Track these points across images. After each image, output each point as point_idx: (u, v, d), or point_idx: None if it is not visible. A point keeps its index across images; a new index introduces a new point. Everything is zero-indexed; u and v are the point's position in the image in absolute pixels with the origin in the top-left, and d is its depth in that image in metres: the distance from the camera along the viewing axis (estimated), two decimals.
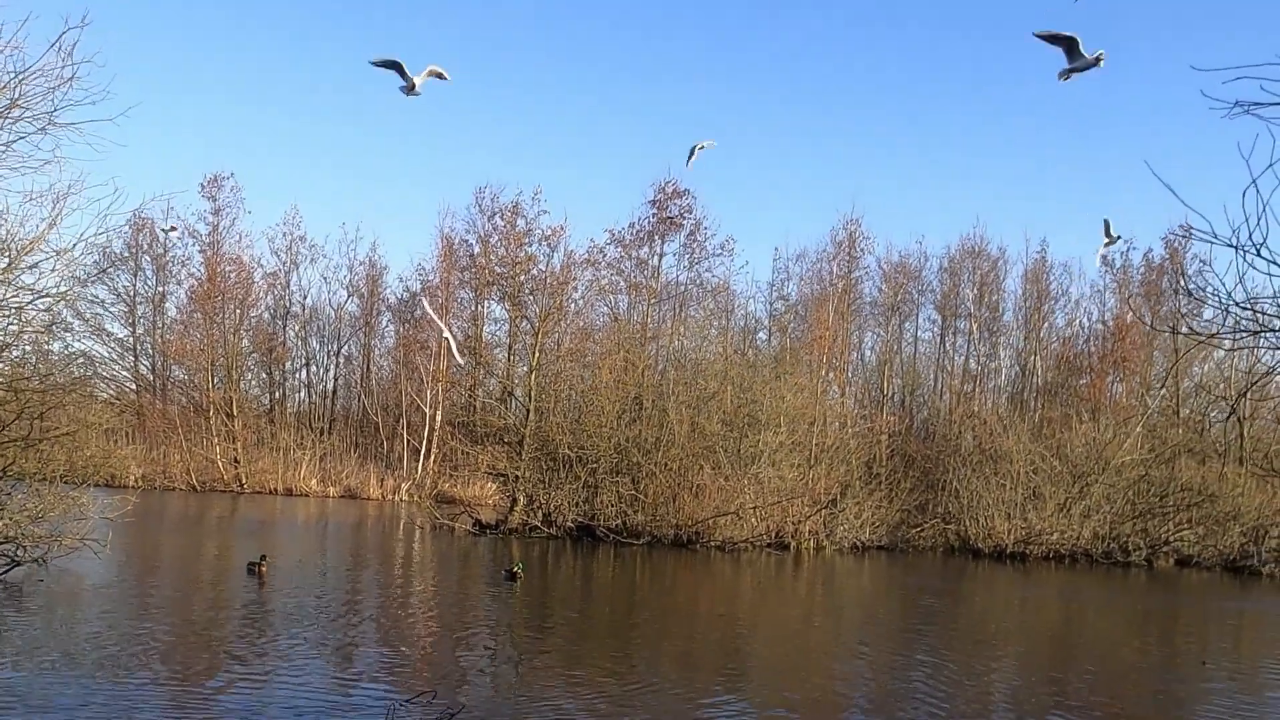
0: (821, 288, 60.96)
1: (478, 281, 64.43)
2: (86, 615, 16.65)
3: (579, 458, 36.77)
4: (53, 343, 19.54)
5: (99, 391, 57.44)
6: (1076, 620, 24.77)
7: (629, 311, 57.72)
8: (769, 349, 53.93)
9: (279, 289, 70.61)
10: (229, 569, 24.76)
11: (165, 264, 69.13)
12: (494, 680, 13.12)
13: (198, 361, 65.99)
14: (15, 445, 18.79)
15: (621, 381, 39.07)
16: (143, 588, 21.03)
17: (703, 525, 35.31)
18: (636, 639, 17.57)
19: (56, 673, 12.18)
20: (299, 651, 14.32)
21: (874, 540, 39.33)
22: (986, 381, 62.22)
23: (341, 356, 72.72)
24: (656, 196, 59.17)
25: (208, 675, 12.64)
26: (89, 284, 19.81)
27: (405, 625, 17.81)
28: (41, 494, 20.38)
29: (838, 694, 13.54)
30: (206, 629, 16.13)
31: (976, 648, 18.67)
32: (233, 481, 60.24)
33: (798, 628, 20.80)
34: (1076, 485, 41.19)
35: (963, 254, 62.34)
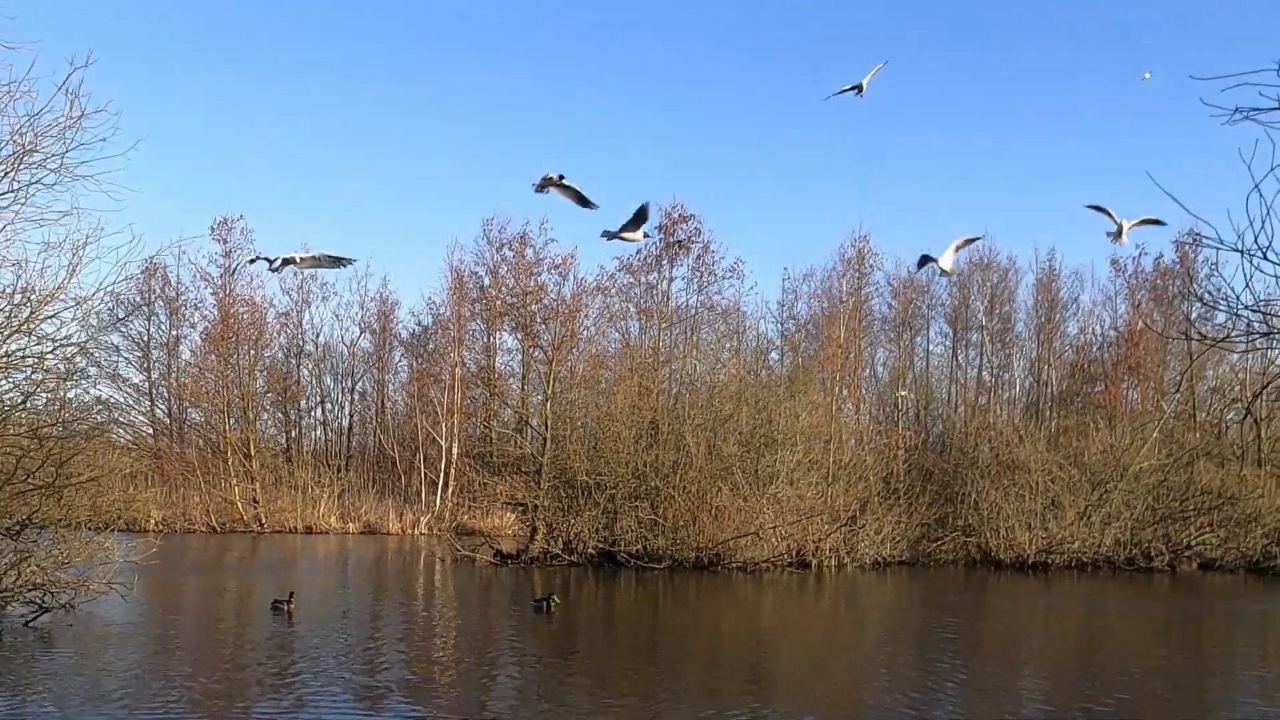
0: (831, 306, 61.01)
1: (489, 313, 64.68)
2: (116, 658, 16.77)
3: (597, 484, 36.85)
4: (72, 390, 19.70)
5: (117, 437, 57.81)
6: (1101, 628, 24.73)
7: (641, 337, 57.89)
8: (782, 369, 54.01)
9: (292, 328, 70.93)
10: (255, 608, 24.88)
11: (178, 308, 69.56)
12: (522, 705, 13.20)
13: (213, 403, 66.27)
14: (40, 492, 18.96)
15: (637, 406, 39.18)
16: (171, 630, 21.17)
17: (723, 547, 35.32)
18: (662, 661, 17.63)
19: (90, 715, 12.31)
20: (329, 684, 14.43)
21: (895, 555, 39.32)
22: (1001, 393, 62.18)
23: (356, 393, 73.00)
24: (663, 221, 59.42)
25: (241, 711, 12.74)
26: (107, 332, 20.16)
27: (432, 654, 17.91)
28: (67, 540, 20.58)
29: (864, 710, 13.58)
30: (237, 666, 16.25)
31: (1002, 658, 18.69)
32: (252, 521, 60.39)
33: (822, 645, 20.83)
34: (1096, 493, 41.14)
35: (971, 266, 62.40)
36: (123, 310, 57.87)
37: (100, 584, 20.75)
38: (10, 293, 14.89)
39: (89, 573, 20.88)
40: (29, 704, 12.72)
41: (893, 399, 58.33)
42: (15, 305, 14.68)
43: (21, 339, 14.97)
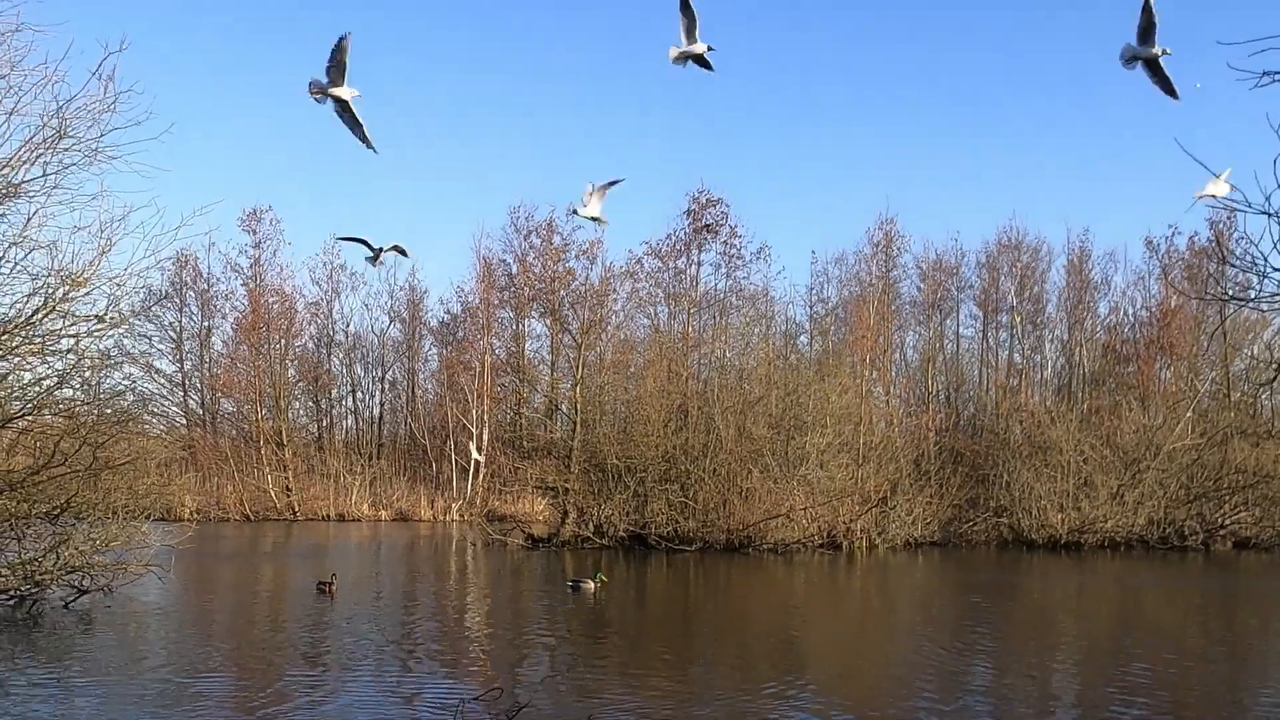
0: (860, 289, 60.89)
1: (517, 300, 64.87)
2: (155, 638, 17.00)
3: (628, 468, 36.91)
4: (108, 376, 19.94)
5: (150, 427, 58.35)
6: (1135, 607, 24.60)
7: (669, 322, 57.94)
8: (811, 352, 53.94)
9: (322, 318, 71.36)
10: (291, 591, 25.18)
11: (209, 299, 70.11)
12: (556, 680, 13.29)
13: (245, 393, 66.83)
14: (78, 476, 19.19)
15: (666, 390, 39.22)
16: (209, 611, 21.41)
17: (754, 529, 35.35)
18: (693, 640, 17.69)
19: (134, 691, 12.48)
20: (370, 659, 14.61)
21: (926, 536, 39.24)
22: (1032, 374, 61.87)
23: (386, 382, 73.39)
24: (691, 206, 59.44)
25: (283, 683, 12.88)
26: (139, 315, 20.34)
27: (468, 632, 18.05)
28: (104, 524, 20.85)
29: (897, 688, 13.58)
30: (279, 644, 16.43)
31: (1034, 638, 18.62)
32: (285, 510, 60.88)
33: (854, 625, 20.83)
34: (1129, 472, 40.89)
35: (1001, 248, 62.11)
36: (154, 299, 58.31)
37: (138, 567, 21.03)
38: (45, 275, 15.06)
39: (126, 556, 21.17)
40: (70, 682, 12.90)
41: (923, 381, 58.21)
42: (49, 286, 14.87)
43: (56, 320, 15.14)
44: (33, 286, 15.14)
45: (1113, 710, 11.58)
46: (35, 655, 14.89)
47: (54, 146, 14.47)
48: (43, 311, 15.03)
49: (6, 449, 20.36)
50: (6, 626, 17.54)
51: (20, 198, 14.64)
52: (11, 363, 15.64)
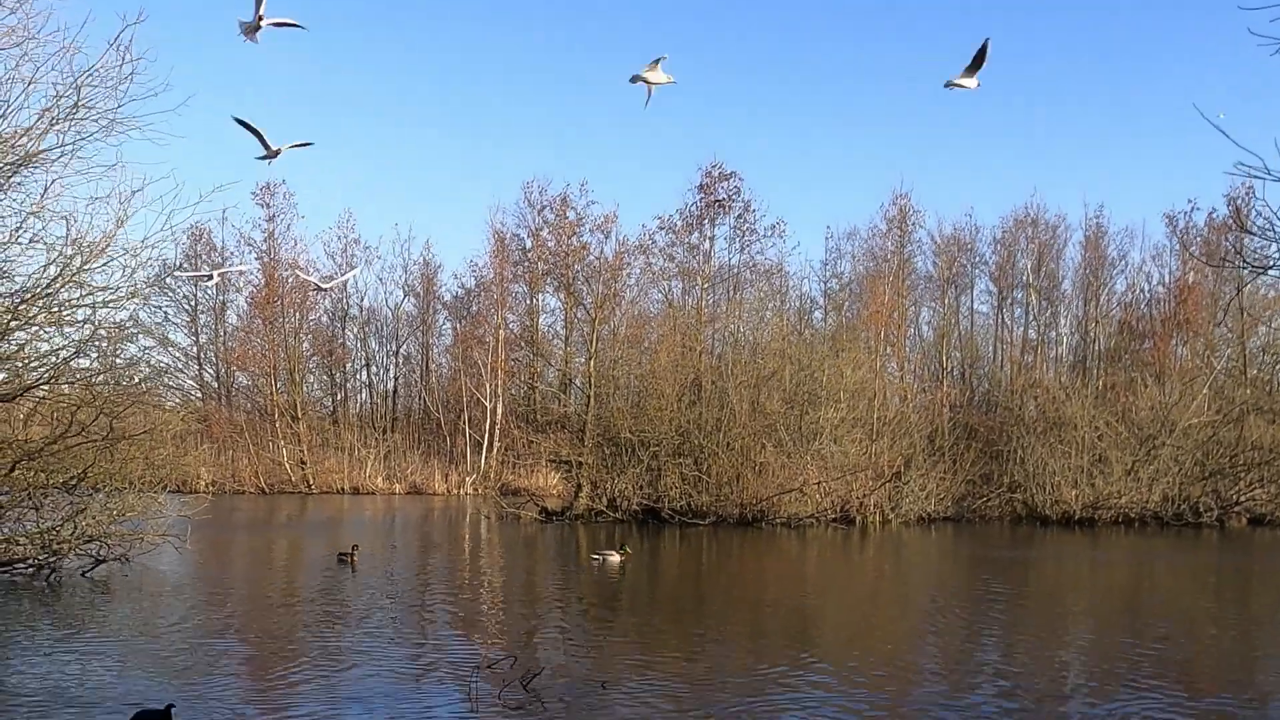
0: (875, 265, 60.73)
1: (531, 274, 64.84)
2: (174, 605, 17.10)
3: (641, 441, 36.96)
4: (124, 348, 20.02)
5: (165, 401, 58.62)
6: (1148, 582, 24.55)
7: (683, 297, 57.82)
8: (825, 328, 53.85)
9: (336, 291, 71.41)
10: (310, 560, 25.35)
11: (225, 273, 70.15)
12: (570, 649, 13.35)
13: (260, 367, 67.01)
14: (95, 446, 19.28)
15: (680, 365, 39.21)
16: (228, 580, 21.55)
17: (767, 503, 35.38)
18: (706, 612, 17.72)
19: (152, 656, 12.59)
20: (386, 627, 14.71)
21: (940, 512, 39.26)
22: (1047, 350, 61.67)
23: (400, 356, 73.52)
24: (704, 180, 59.23)
25: (300, 651, 12.97)
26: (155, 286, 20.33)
27: (482, 602, 18.15)
28: (121, 494, 20.98)
29: (909, 661, 13.59)
30: (297, 612, 16.52)
31: (1048, 612, 18.62)
32: (300, 483, 61.16)
33: (867, 598, 20.85)
34: (1144, 449, 40.80)
35: (1018, 223, 61.84)
36: (166, 272, 58.45)
37: (154, 537, 21.16)
38: (62, 245, 15.10)
39: (143, 526, 21.30)
40: (88, 648, 13.00)
41: (938, 357, 58.10)
42: (67, 256, 14.91)
43: (73, 290, 15.20)
44: (49, 256, 15.20)
45: (1125, 685, 11.58)
46: (54, 621, 15.01)
47: (71, 117, 14.49)
48: (60, 281, 15.09)
49: (24, 419, 20.50)
50: (26, 594, 17.69)
51: (38, 167, 14.67)
52: (29, 332, 15.70)
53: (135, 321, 21.03)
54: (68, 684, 10.78)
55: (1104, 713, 10.14)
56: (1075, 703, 10.65)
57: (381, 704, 10.22)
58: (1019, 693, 11.10)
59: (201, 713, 9.66)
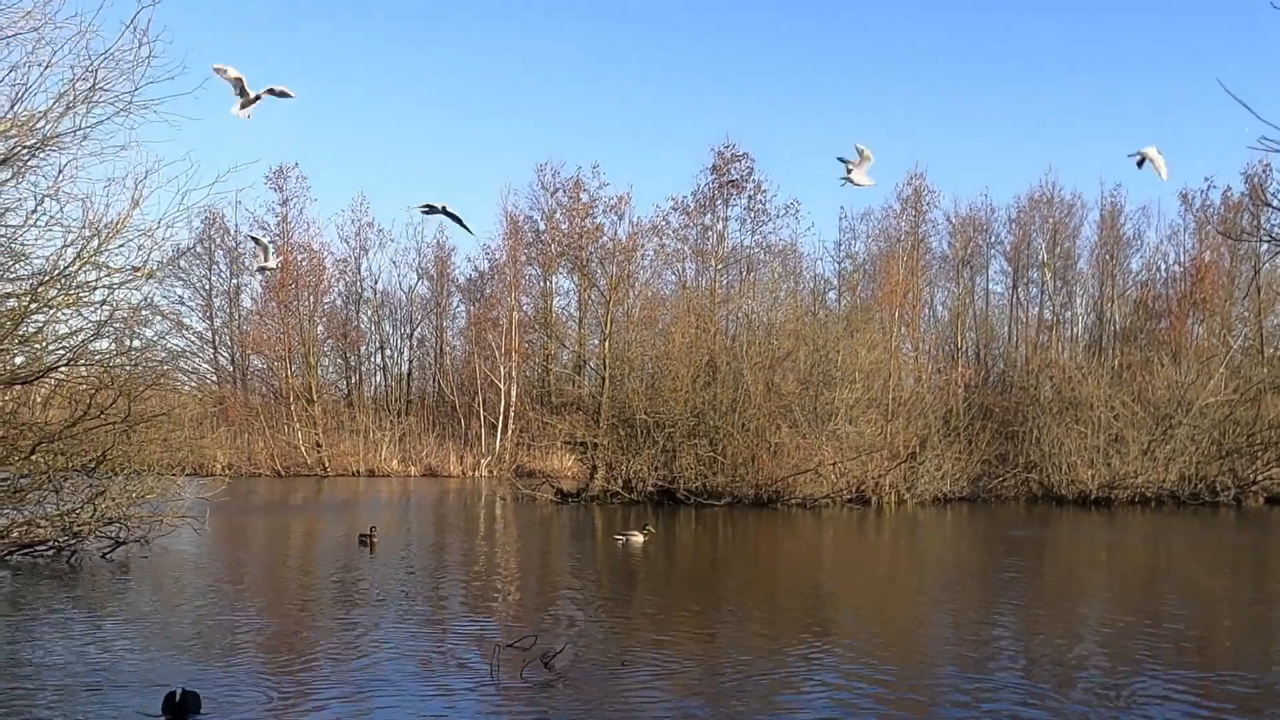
0: (889, 245, 60.61)
1: (545, 256, 64.87)
2: (194, 586, 17.21)
3: (656, 423, 37.00)
4: (141, 331, 20.10)
5: (182, 384, 58.89)
6: (1165, 561, 24.48)
7: (697, 278, 57.80)
8: (840, 308, 53.78)
9: (350, 275, 71.65)
10: (328, 542, 25.47)
11: (238, 256, 70.43)
12: (588, 628, 13.37)
13: (275, 350, 67.26)
14: (113, 429, 19.38)
15: (694, 345, 39.21)
16: (247, 562, 21.66)
17: (782, 484, 35.40)
18: (722, 593, 17.74)
19: (173, 636, 12.66)
20: (404, 607, 14.75)
21: (955, 492, 39.25)
22: (1062, 330, 61.50)
23: (415, 339, 73.69)
24: (716, 161, 59.10)
25: (319, 631, 13.03)
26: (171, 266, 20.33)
27: (500, 583, 18.18)
28: (140, 477, 21.12)
29: (925, 641, 13.59)
30: (316, 593, 16.60)
31: (1065, 591, 18.59)
32: (316, 465, 61.47)
33: (883, 578, 20.85)
34: (1160, 428, 40.71)
35: (1033, 203, 61.59)
36: (181, 252, 58.54)
37: (173, 519, 21.30)
38: (78, 226, 15.15)
39: (162, 508, 21.44)
40: (109, 629, 13.08)
41: (953, 337, 57.98)
42: (84, 238, 14.95)
43: (90, 271, 15.25)
44: (66, 238, 15.24)
45: (1141, 665, 11.55)
46: (76, 603, 15.10)
47: (88, 100, 14.52)
48: (76, 263, 15.13)
49: (43, 402, 20.62)
50: (47, 575, 17.80)
51: (54, 150, 14.70)
52: (46, 314, 15.76)
53: (151, 304, 21.07)
54: (90, 665, 10.84)
55: (1121, 691, 10.12)
56: (1092, 681, 10.64)
57: (403, 682, 10.26)
58: (1036, 671, 11.10)
59: (223, 692, 9.71)
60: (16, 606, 14.73)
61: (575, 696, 9.81)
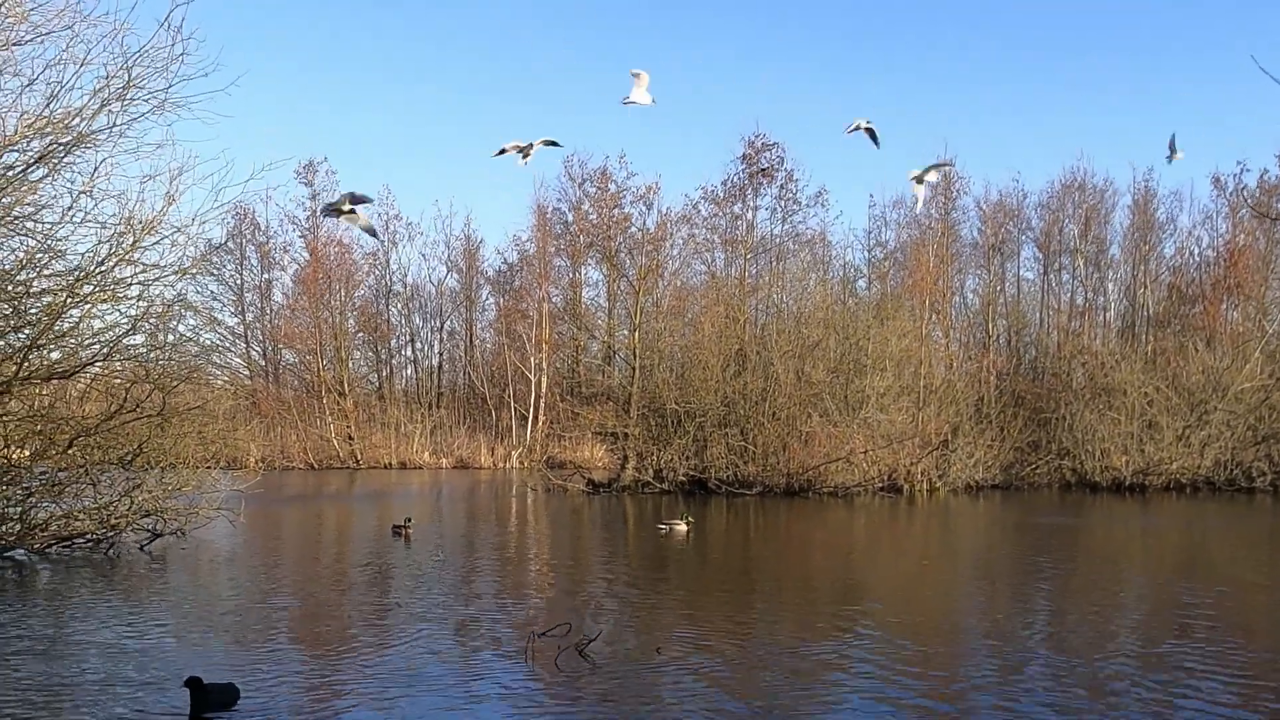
0: (919, 232, 60.26)
1: (574, 247, 64.93)
2: (231, 577, 17.35)
3: (687, 412, 37.01)
4: (176, 325, 20.28)
5: (215, 378, 59.35)
6: (1201, 549, 24.25)
7: (726, 268, 57.70)
8: (870, 296, 53.55)
9: (380, 269, 71.94)
10: (361, 532, 25.63)
11: (268, 251, 70.86)
12: (622, 616, 13.43)
13: (306, 344, 67.66)
14: (149, 422, 19.57)
15: (724, 335, 39.16)
16: (282, 553, 21.82)
17: (814, 472, 35.33)
18: (755, 581, 17.74)
19: (212, 625, 12.79)
20: (439, 596, 14.84)
21: (988, 479, 39.08)
22: (1095, 316, 61.00)
23: (445, 331, 73.93)
24: (746, 151, 58.95)
25: (354, 620, 13.11)
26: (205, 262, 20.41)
27: (533, 572, 18.26)
28: (176, 469, 21.36)
29: (959, 629, 13.54)
30: (351, 583, 16.70)
31: (1099, 577, 18.47)
32: (348, 458, 61.83)
33: (915, 567, 20.78)
34: (1195, 414, 40.38)
35: (1065, 188, 61.08)
36: (214, 247, 58.94)
37: (209, 510, 21.52)
38: (114, 223, 15.29)
39: (198, 500, 21.66)
40: (148, 619, 13.21)
41: (984, 324, 57.63)
42: (118, 234, 15.09)
43: (125, 268, 15.40)
44: (101, 235, 15.38)
45: (1176, 656, 11.46)
46: (115, 594, 15.25)
47: (122, 97, 14.63)
48: (112, 259, 15.27)
49: (80, 397, 20.83)
50: (86, 567, 17.99)
51: (89, 147, 14.84)
52: (83, 310, 15.92)
53: (184, 300, 21.25)
54: (128, 655, 10.96)
55: (1158, 683, 10.04)
56: (1126, 672, 10.54)
57: (438, 671, 10.32)
58: (1071, 661, 11.03)
59: (261, 681, 9.80)
60: (56, 598, 14.91)
61: (609, 684, 9.84)
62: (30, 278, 15.33)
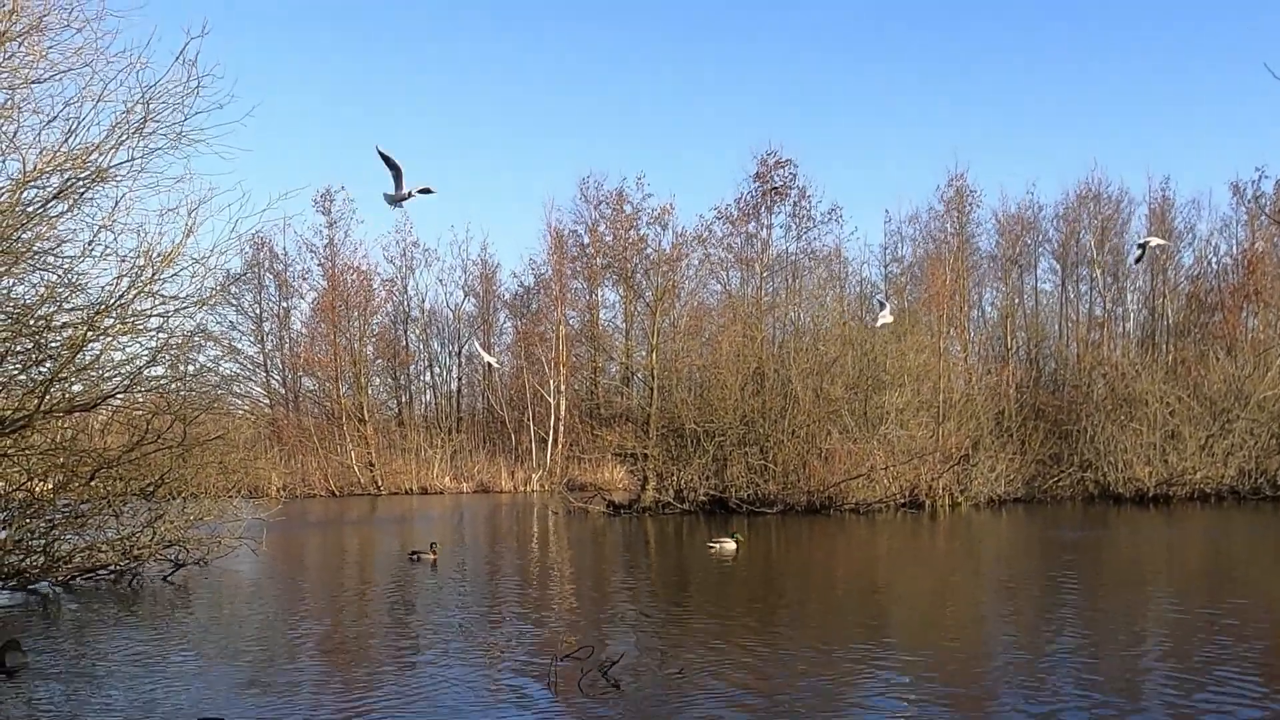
0: (935, 246, 60.17)
1: (590, 269, 65.07)
2: (253, 606, 17.39)
3: (706, 432, 36.98)
4: (196, 356, 20.40)
5: (235, 407, 59.62)
6: (1228, 560, 24.04)
7: (742, 286, 57.71)
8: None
9: (397, 295, 72.22)
10: (383, 559, 25.63)
11: (286, 279, 71.23)
12: (645, 638, 13.41)
13: (326, 371, 67.88)
14: (170, 453, 19.68)
15: (741, 354, 39.15)
16: (305, 581, 21.83)
17: (835, 489, 35.24)
18: (778, 600, 17.68)
19: (235, 657, 12.81)
20: (462, 619, 14.85)
21: (1010, 493, 38.91)
22: (1114, 327, 60.71)
23: (463, 356, 74.09)
24: (759, 169, 59.05)
25: (378, 644, 13.13)
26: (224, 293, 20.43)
27: (555, 595, 18.24)
28: (198, 499, 21.47)
29: (984, 646, 13.46)
30: (373, 609, 16.72)
31: (1125, 590, 18.33)
32: (369, 484, 61.91)
33: (939, 581, 20.67)
34: (1217, 423, 40.15)
35: (1080, 199, 60.89)
36: (233, 278, 59.30)
37: (231, 540, 21.60)
38: (133, 256, 15.42)
39: (220, 530, 21.75)
40: (170, 653, 13.23)
41: (1002, 337, 57.43)
42: (138, 267, 15.22)
43: (145, 300, 15.52)
44: (121, 268, 15.50)
45: (1207, 672, 11.34)
46: (138, 626, 15.31)
47: (140, 131, 14.78)
48: (132, 292, 15.39)
49: (101, 429, 20.96)
50: (110, 599, 18.06)
51: (109, 182, 14.98)
52: (104, 342, 16.02)
53: (204, 330, 21.37)
54: (153, 688, 11.00)
55: (1188, 704, 9.92)
56: (1157, 692, 10.42)
57: (463, 694, 10.34)
58: (1098, 678, 10.93)
59: (285, 713, 9.81)
60: (81, 632, 14.97)
61: (633, 707, 9.82)
62: (51, 312, 15.45)
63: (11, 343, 15.11)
